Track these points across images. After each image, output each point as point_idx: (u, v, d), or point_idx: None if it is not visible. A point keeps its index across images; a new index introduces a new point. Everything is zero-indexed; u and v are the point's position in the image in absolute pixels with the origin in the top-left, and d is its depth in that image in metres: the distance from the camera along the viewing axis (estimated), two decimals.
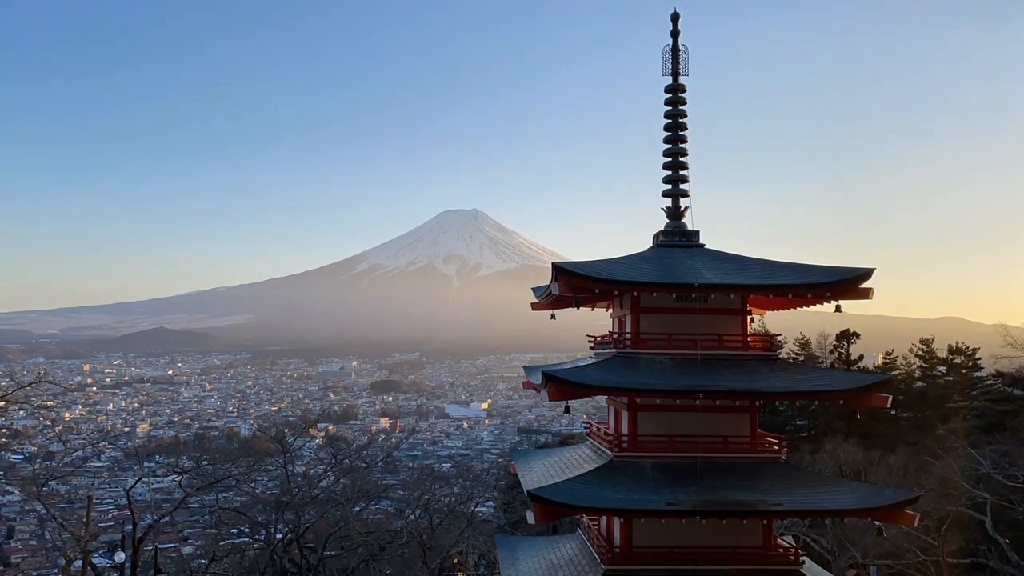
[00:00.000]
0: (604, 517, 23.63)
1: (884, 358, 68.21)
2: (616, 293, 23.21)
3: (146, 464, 67.95)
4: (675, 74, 23.90)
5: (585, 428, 28.39)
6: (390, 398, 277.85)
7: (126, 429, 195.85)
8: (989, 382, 58.12)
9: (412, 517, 52.23)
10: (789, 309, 24.22)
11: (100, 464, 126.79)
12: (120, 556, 37.52)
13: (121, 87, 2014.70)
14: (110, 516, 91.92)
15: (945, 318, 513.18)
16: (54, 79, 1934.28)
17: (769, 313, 26.14)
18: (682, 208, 24.40)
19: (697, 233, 24.30)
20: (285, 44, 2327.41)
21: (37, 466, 51.63)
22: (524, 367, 27.23)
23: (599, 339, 24.77)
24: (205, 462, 53.38)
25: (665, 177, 24.36)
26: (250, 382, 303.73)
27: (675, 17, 23.91)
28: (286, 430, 71.67)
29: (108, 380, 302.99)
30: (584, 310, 25.80)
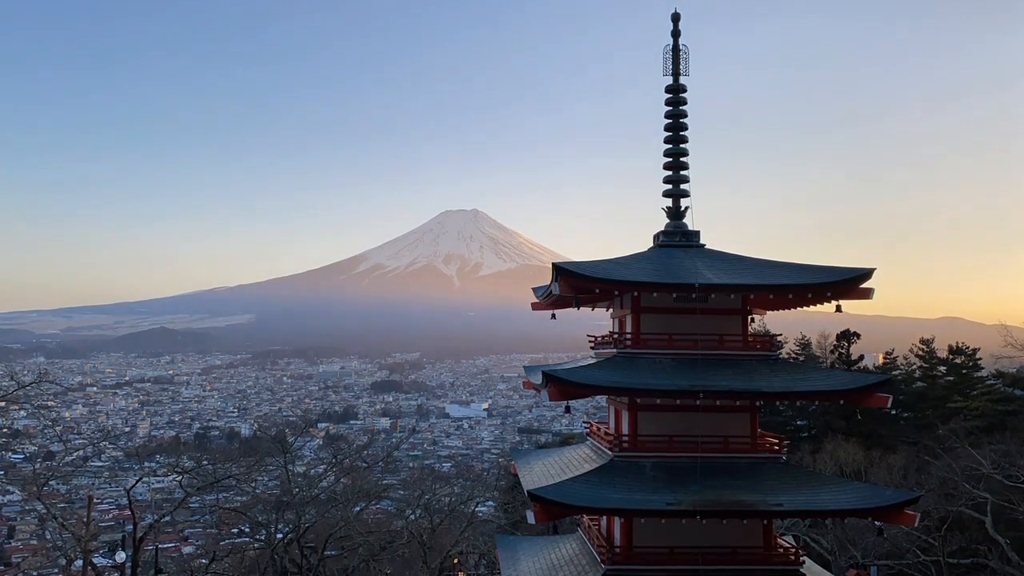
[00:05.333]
0: (604, 517, 23.65)
1: (884, 358, 68.26)
2: (616, 293, 23.23)
3: (146, 464, 68.05)
4: (676, 74, 23.92)
5: (585, 428, 28.41)
6: (390, 398, 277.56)
7: (126, 429, 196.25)
8: (989, 382, 58.09)
9: (412, 517, 52.29)
10: (789, 309, 24.24)
11: (101, 464, 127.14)
12: (121, 556, 37.58)
13: (120, 85, 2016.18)
14: (111, 516, 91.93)
15: (945, 318, 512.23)
16: (51, 76, 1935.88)
17: (769, 313, 26.15)
18: (682, 208, 24.41)
19: (698, 233, 24.32)
20: (283, 43, 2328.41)
21: (38, 466, 51.79)
22: (524, 367, 27.25)
23: (599, 339, 24.76)
24: (205, 462, 53.36)
25: (665, 177, 24.38)
26: (250, 382, 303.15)
27: (675, 17, 23.95)
28: (286, 430, 71.84)
29: (108, 380, 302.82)
30: (584, 310, 25.86)
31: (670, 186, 24.37)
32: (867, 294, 21.75)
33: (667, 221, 24.52)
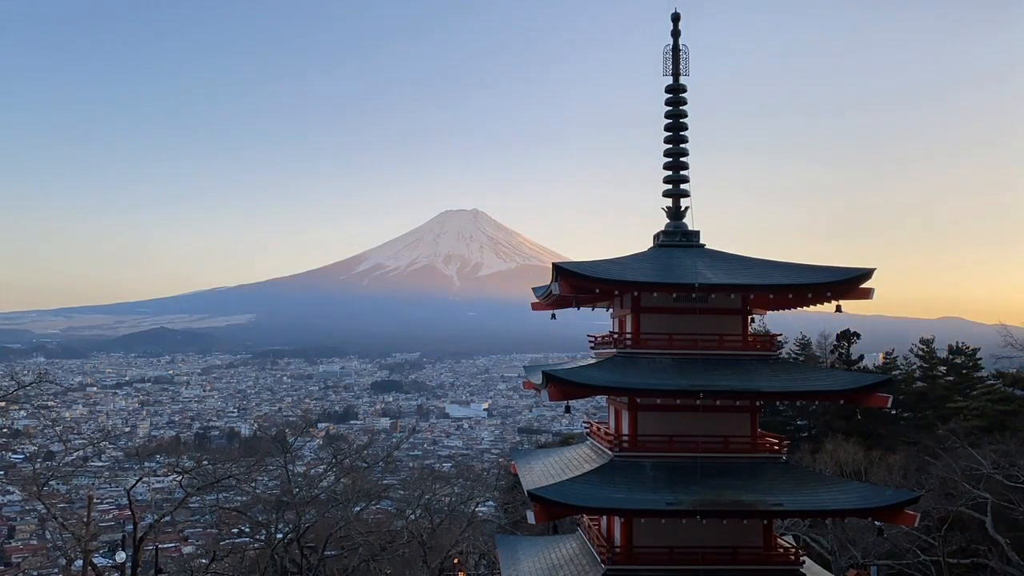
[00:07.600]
0: (604, 517, 23.66)
1: (884, 358, 68.30)
2: (616, 293, 23.23)
3: (147, 464, 67.93)
4: (675, 74, 23.93)
5: (585, 428, 28.42)
6: (390, 398, 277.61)
7: (127, 429, 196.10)
8: (990, 382, 58.08)
9: (412, 517, 52.31)
10: (789, 309, 24.25)
11: (101, 464, 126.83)
12: (121, 556, 37.60)
13: (118, 82, 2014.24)
14: (111, 516, 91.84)
15: (945, 318, 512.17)
16: (51, 74, 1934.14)
17: (769, 313, 26.15)
18: (683, 208, 24.42)
19: (698, 233, 24.33)
20: (281, 43, 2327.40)
21: (38, 466, 51.69)
22: (524, 367, 27.27)
23: (599, 339, 24.78)
24: (205, 462, 53.38)
25: (666, 177, 24.38)
26: (250, 382, 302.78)
27: (675, 17, 23.95)
28: (286, 430, 71.75)
29: (108, 380, 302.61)
30: (584, 310, 25.86)
31: (670, 186, 24.37)
32: (867, 294, 21.75)
33: (667, 221, 24.53)
